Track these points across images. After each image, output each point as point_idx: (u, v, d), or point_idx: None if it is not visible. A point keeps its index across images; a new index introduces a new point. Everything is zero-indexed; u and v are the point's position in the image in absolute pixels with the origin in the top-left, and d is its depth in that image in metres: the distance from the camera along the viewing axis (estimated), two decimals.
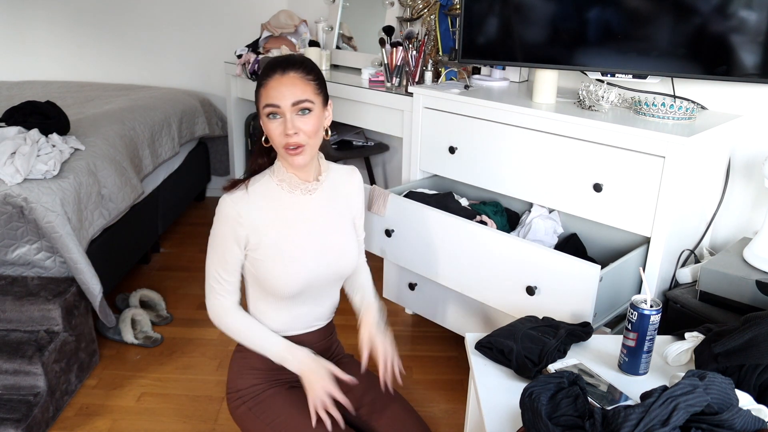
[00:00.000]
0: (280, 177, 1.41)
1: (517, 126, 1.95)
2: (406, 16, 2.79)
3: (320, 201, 1.45)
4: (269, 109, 1.33)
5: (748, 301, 1.60)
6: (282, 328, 1.46)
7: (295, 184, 1.42)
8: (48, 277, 2.18)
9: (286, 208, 1.41)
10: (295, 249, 1.39)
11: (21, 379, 1.95)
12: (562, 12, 1.97)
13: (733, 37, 1.73)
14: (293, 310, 1.45)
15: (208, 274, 1.44)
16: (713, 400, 0.93)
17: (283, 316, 1.45)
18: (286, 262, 1.38)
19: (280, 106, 1.32)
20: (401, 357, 1.50)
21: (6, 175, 2.04)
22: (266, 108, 1.33)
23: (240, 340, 1.46)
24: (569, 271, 1.65)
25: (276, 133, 1.34)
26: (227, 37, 3.74)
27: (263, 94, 1.33)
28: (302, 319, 1.48)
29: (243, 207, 1.37)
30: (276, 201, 1.40)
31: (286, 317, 1.45)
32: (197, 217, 3.75)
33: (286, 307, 1.44)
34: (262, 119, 1.36)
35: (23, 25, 3.84)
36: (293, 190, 1.41)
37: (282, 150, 1.35)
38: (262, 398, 1.43)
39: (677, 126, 1.75)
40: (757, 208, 1.97)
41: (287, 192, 1.41)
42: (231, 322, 1.44)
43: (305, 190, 1.43)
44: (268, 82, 1.33)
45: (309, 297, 1.45)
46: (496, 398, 1.21)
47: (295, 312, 1.45)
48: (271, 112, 1.33)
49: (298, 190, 1.42)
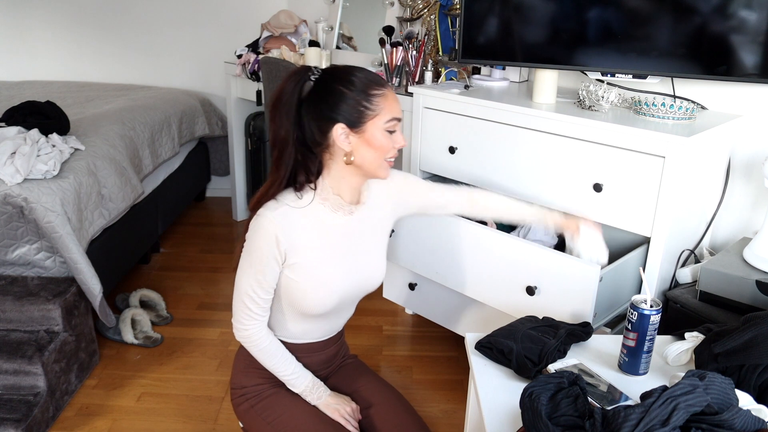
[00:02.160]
0: (325, 196, 1.36)
1: (517, 126, 1.95)
2: (406, 16, 2.79)
3: (359, 221, 1.41)
4: (394, 123, 1.31)
5: (748, 301, 1.60)
6: (297, 337, 1.44)
7: (338, 205, 1.37)
8: (48, 277, 2.18)
9: (327, 228, 1.36)
10: (329, 271, 1.36)
11: (21, 379, 1.95)
12: (562, 12, 1.97)
13: (733, 37, 1.73)
14: (313, 323, 1.44)
15: (241, 291, 1.35)
16: (713, 400, 0.93)
17: (300, 327, 1.43)
18: (319, 283, 1.35)
19: (401, 121, 1.33)
20: (401, 357, 1.50)
21: (6, 175, 2.04)
22: (391, 122, 1.31)
23: (267, 364, 1.42)
24: (569, 271, 1.65)
25: (388, 147, 1.32)
26: (227, 37, 3.74)
27: (385, 106, 1.30)
28: (320, 330, 1.47)
29: (285, 224, 1.30)
30: (317, 220, 1.35)
31: (304, 327, 1.44)
32: (197, 217, 3.75)
33: (306, 321, 1.42)
34: (376, 131, 1.30)
35: (23, 25, 3.84)
36: (336, 210, 1.37)
37: (381, 163, 1.33)
38: (265, 397, 1.43)
39: (677, 126, 1.75)
40: (757, 208, 1.97)
41: (330, 212, 1.36)
42: (265, 346, 1.40)
43: (347, 212, 1.38)
44: (387, 94, 1.31)
45: (332, 312, 1.43)
46: (496, 398, 1.21)
47: (314, 324, 1.44)
48: (395, 125, 1.32)
49: (341, 211, 1.37)
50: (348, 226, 1.38)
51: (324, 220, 1.35)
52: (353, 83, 1.29)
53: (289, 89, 1.31)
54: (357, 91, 1.28)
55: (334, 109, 1.28)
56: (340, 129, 1.29)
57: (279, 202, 1.32)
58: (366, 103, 1.28)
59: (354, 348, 1.57)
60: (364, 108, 1.28)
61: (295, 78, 1.31)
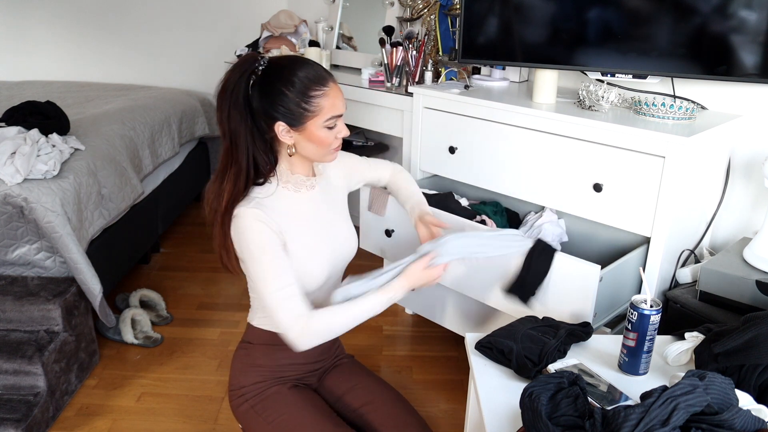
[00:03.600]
0: (285, 180, 1.42)
1: (517, 126, 1.95)
2: (406, 16, 2.79)
3: (322, 193, 1.48)
4: (333, 120, 1.35)
5: (748, 301, 1.60)
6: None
7: (299, 182, 1.43)
8: (48, 277, 2.18)
9: (298, 207, 1.42)
10: (313, 244, 1.41)
11: (21, 379, 1.95)
12: (562, 12, 1.97)
13: (733, 37, 1.73)
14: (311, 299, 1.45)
15: (269, 293, 1.30)
16: (713, 400, 0.93)
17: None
18: (309, 257, 1.39)
19: (342, 115, 1.37)
20: (401, 357, 1.50)
21: (6, 175, 2.04)
22: (332, 119, 1.35)
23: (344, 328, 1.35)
24: (569, 271, 1.65)
25: (329, 140, 1.37)
26: (227, 37, 3.74)
27: (324, 105, 1.33)
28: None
29: (266, 214, 1.33)
30: (288, 202, 1.40)
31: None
32: (197, 217, 3.74)
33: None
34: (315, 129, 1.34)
35: (23, 25, 3.84)
36: (299, 189, 1.43)
37: (328, 151, 1.39)
38: (264, 396, 1.43)
39: (677, 126, 1.75)
40: (757, 208, 1.97)
41: (293, 192, 1.42)
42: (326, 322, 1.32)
43: (309, 186, 1.45)
44: (328, 92, 1.33)
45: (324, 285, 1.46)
46: (496, 398, 1.21)
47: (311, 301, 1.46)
48: (336, 120, 1.36)
49: (303, 188, 1.44)
50: (313, 200, 1.46)
51: (292, 200, 1.42)
52: (293, 84, 1.31)
53: (234, 79, 1.32)
54: (296, 92, 1.31)
55: (274, 108, 1.32)
56: (281, 126, 1.34)
57: (249, 198, 1.35)
58: (305, 105, 1.32)
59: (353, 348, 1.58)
60: (303, 110, 1.32)
61: (242, 68, 1.33)
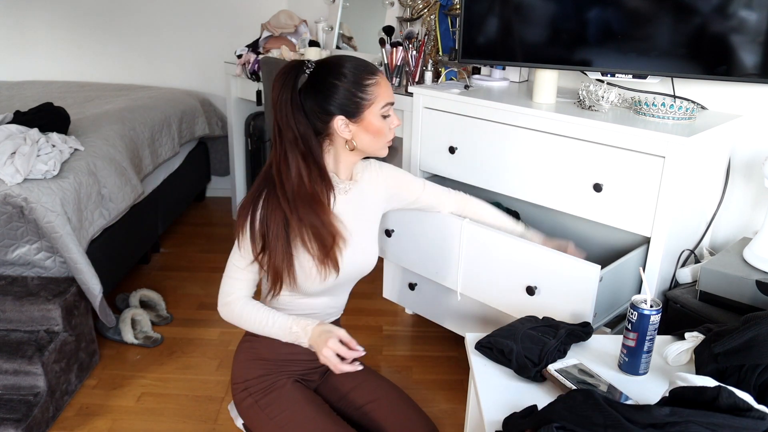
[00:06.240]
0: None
1: (517, 126, 1.95)
2: (406, 16, 2.79)
3: (353, 201, 1.46)
4: (388, 108, 1.38)
5: (748, 301, 1.60)
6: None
7: (334, 184, 1.42)
8: (48, 277, 2.18)
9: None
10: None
11: (21, 379, 1.95)
12: (562, 12, 1.97)
13: (733, 37, 1.73)
14: (311, 300, 1.47)
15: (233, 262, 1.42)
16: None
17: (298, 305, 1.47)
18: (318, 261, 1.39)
19: (394, 103, 1.40)
20: (401, 357, 1.51)
21: (6, 175, 2.03)
22: (386, 107, 1.38)
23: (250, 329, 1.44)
24: (569, 271, 1.65)
25: (385, 130, 1.39)
26: (227, 37, 3.74)
27: (378, 93, 1.36)
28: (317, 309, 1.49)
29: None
30: None
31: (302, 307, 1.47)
32: (197, 217, 3.75)
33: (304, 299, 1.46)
34: (373, 118, 1.36)
35: (23, 25, 3.84)
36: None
37: (383, 143, 1.41)
38: (269, 392, 1.43)
39: (677, 126, 1.75)
40: (757, 208, 1.97)
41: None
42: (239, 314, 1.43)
43: (342, 190, 1.44)
44: (379, 80, 1.36)
45: (327, 290, 1.46)
46: (496, 398, 1.21)
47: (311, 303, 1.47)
48: (390, 109, 1.39)
49: (336, 190, 1.42)
50: (343, 206, 1.44)
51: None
52: (345, 75, 1.33)
53: (287, 83, 1.34)
54: (349, 82, 1.33)
55: (330, 102, 1.33)
56: (339, 120, 1.35)
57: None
58: (361, 94, 1.34)
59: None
60: (360, 99, 1.34)
61: (291, 72, 1.35)
